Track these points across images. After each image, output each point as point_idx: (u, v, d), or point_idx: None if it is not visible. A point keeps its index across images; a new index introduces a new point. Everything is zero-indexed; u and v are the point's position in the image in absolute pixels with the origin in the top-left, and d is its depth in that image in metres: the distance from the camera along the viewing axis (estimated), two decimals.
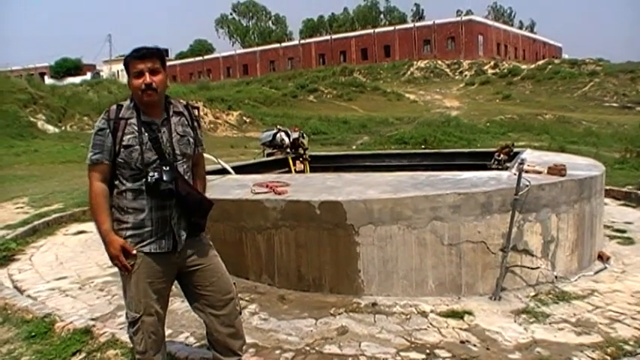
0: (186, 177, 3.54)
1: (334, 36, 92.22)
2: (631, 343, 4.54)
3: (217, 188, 6.74)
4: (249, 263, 6.16)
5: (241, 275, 6.18)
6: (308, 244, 5.78)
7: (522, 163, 5.77)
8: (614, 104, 49.54)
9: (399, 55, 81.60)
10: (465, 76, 68.74)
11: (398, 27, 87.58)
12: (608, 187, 10.00)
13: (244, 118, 38.21)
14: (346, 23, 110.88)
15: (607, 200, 9.83)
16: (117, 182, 3.44)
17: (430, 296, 5.58)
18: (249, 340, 4.55)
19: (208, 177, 3.88)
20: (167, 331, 4.56)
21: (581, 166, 7.41)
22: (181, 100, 3.65)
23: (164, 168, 3.35)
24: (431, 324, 4.99)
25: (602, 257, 6.81)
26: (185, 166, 3.57)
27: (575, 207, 6.17)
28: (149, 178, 3.32)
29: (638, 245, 7.60)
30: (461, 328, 4.89)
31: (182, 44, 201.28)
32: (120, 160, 3.36)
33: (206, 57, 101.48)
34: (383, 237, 5.56)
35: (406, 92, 57.90)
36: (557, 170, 6.28)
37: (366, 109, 46.76)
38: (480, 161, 9.48)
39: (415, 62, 75.53)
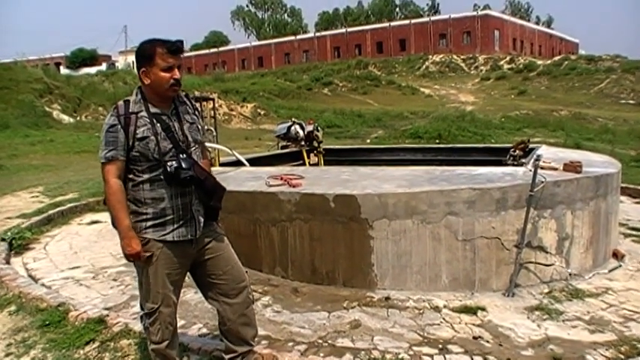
0: (200, 163, 3.58)
1: (349, 29, 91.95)
2: None
3: (232, 180, 6.74)
4: (262, 255, 6.17)
5: (255, 267, 6.19)
6: (322, 237, 5.78)
7: (538, 159, 5.72)
8: (631, 101, 49.13)
9: (415, 49, 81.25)
10: (481, 70, 68.38)
11: (413, 21, 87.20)
12: (623, 185, 9.92)
13: (259, 110, 38.25)
14: (361, 16, 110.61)
15: (622, 198, 9.76)
16: (131, 175, 3.44)
17: (443, 291, 5.58)
18: (261, 332, 4.57)
19: (223, 169, 3.90)
20: (180, 322, 4.60)
21: (597, 163, 7.36)
22: (182, 90, 3.65)
23: (181, 156, 3.40)
24: (444, 319, 4.98)
25: (617, 255, 6.77)
26: (198, 152, 3.63)
27: (591, 204, 6.13)
28: (168, 167, 3.35)
29: None
30: (474, 324, 4.88)
31: (197, 36, 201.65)
32: (135, 153, 3.37)
33: (221, 49, 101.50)
34: (397, 231, 5.55)
35: (421, 86, 57.68)
36: (572, 167, 6.25)
37: (381, 102, 46.64)
38: (494, 157, 9.43)
39: (430, 56, 75.21)
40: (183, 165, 3.37)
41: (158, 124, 3.42)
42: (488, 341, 4.55)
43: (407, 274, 5.62)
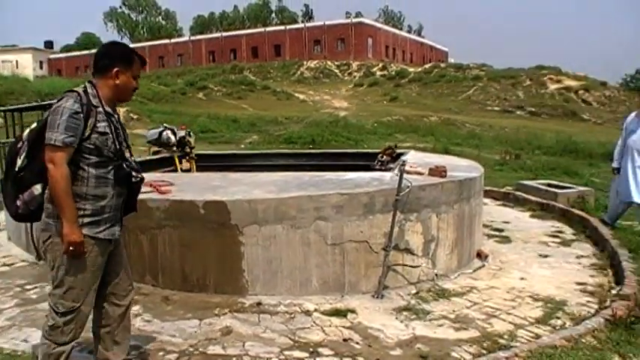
0: None
1: (225, 34, 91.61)
2: (505, 337, 4.80)
3: None
4: (131, 264, 5.93)
5: None
6: (192, 244, 5.73)
7: (404, 164, 5.94)
8: (496, 108, 51.76)
9: (290, 54, 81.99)
10: (354, 77, 69.86)
11: (289, 27, 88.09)
12: (487, 188, 10.45)
13: (131, 114, 37.27)
14: (237, 21, 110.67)
15: (486, 200, 10.28)
16: (75, 168, 3.38)
17: (314, 295, 5.66)
18: (131, 342, 4.48)
19: None
20: (39, 333, 4.45)
21: (462, 167, 7.70)
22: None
23: (133, 159, 3.64)
24: (314, 323, 5.07)
25: (480, 255, 7.12)
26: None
27: (455, 207, 6.42)
28: (126, 167, 3.54)
29: (515, 244, 8.00)
30: (344, 326, 4.99)
31: (68, 37, 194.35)
32: (89, 145, 3.37)
33: (93, 51, 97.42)
34: (267, 237, 5.59)
35: (296, 92, 58.21)
36: (437, 172, 6.51)
37: (256, 107, 46.69)
38: (365, 162, 9.68)
39: (305, 62, 76.08)
40: (136, 167, 3.60)
41: (111, 124, 3.50)
42: (357, 343, 4.66)
43: (278, 279, 5.67)
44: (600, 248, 7.63)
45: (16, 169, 3.45)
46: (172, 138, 10.67)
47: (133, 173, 3.60)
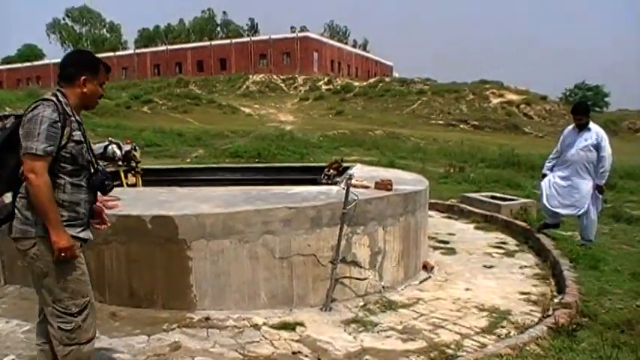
0: None
1: (170, 47, 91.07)
2: (452, 346, 4.90)
3: None
4: None
5: None
6: (140, 259, 5.67)
7: (350, 178, 6.02)
8: (440, 122, 52.55)
9: (235, 68, 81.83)
10: (300, 91, 70.03)
11: (234, 40, 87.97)
12: (432, 201, 10.57)
13: None
14: (182, 34, 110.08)
15: (432, 213, 10.40)
16: (52, 176, 3.40)
17: (263, 309, 5.67)
18: None
19: None
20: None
21: (407, 180, 7.81)
22: None
23: (103, 166, 3.69)
24: (263, 336, 5.08)
25: (426, 267, 7.23)
26: None
27: (401, 220, 6.51)
28: (100, 175, 3.67)
29: (460, 255, 8.14)
30: (293, 340, 5.02)
31: (9, 48, 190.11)
32: (65, 154, 3.42)
33: (35, 63, 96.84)
34: (215, 251, 5.58)
35: (242, 106, 58.00)
36: (383, 185, 6.59)
37: (202, 121, 46.33)
38: (311, 175, 9.72)
39: (251, 76, 75.92)
40: (108, 175, 3.74)
41: (82, 133, 3.57)
42: (307, 356, 4.70)
43: (226, 293, 5.66)
44: (542, 258, 7.83)
45: None
46: (118, 152, 10.52)
47: (108, 180, 3.73)
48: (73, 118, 3.50)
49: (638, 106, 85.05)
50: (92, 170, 3.64)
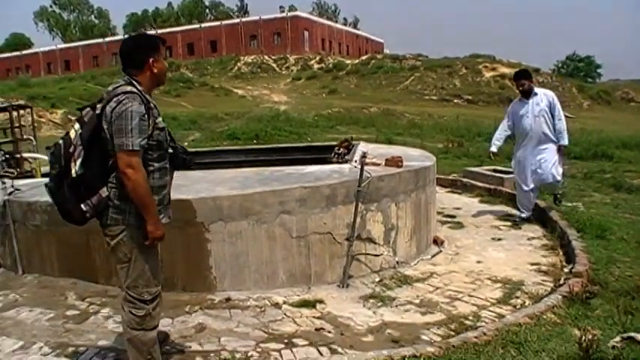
0: None
1: (159, 31, 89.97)
2: (470, 318, 5.01)
3: None
4: (97, 266, 6.01)
5: (90, 279, 6.07)
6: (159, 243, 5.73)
7: (364, 156, 6.07)
8: (434, 97, 52.48)
9: (226, 50, 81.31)
10: (292, 71, 69.75)
11: (224, 22, 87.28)
12: (436, 176, 10.65)
13: (69, 116, 36.50)
14: (171, 18, 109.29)
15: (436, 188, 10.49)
16: (144, 166, 3.52)
17: (281, 288, 5.78)
18: (106, 343, 4.54)
19: (47, 180, 3.84)
20: (18, 343, 4.47)
21: (415, 157, 7.90)
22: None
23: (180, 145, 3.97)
24: (285, 314, 5.17)
25: (437, 241, 7.34)
26: None
27: (412, 196, 6.61)
28: (180, 153, 3.90)
29: (468, 229, 8.25)
30: (314, 317, 5.12)
31: None
32: (152, 142, 3.55)
33: (24, 52, 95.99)
34: (233, 233, 5.66)
35: (234, 87, 57.73)
36: (394, 162, 6.67)
37: (195, 104, 46.12)
38: (316, 155, 9.76)
39: (242, 57, 75.48)
40: (186, 151, 3.97)
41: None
42: (330, 332, 4.80)
43: (245, 274, 5.75)
44: (549, 230, 7.93)
45: (74, 174, 3.46)
46: None
47: (187, 157, 3.97)
48: (152, 105, 3.59)
49: (630, 75, 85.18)
50: (174, 150, 3.84)
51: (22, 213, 6.29)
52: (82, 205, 3.50)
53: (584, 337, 4.03)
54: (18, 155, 8.86)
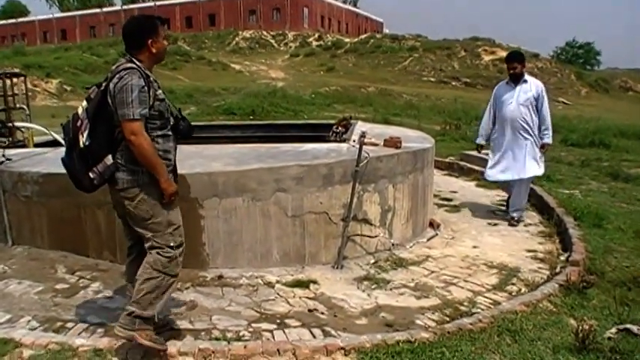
0: None
1: (158, 3, 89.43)
2: (465, 304, 4.95)
3: (51, 162, 6.34)
4: (88, 240, 5.93)
5: (81, 253, 6.00)
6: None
7: (363, 135, 5.97)
8: (432, 79, 52.40)
9: (225, 24, 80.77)
10: (290, 47, 69.45)
11: None
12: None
13: (65, 86, 36.26)
14: None
15: None
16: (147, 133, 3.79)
17: (275, 267, 5.71)
18: (96, 319, 4.48)
19: (40, 150, 3.92)
20: (5, 317, 4.41)
21: (413, 138, 7.81)
22: None
23: (183, 115, 4.25)
24: (278, 294, 5.11)
25: (433, 225, 7.27)
26: None
27: (410, 177, 6.53)
28: (185, 122, 4.25)
29: (464, 212, 8.19)
30: (308, 297, 5.06)
31: None
32: (154, 112, 3.83)
33: (20, 20, 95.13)
34: (228, 209, 5.59)
35: (231, 62, 57.45)
36: (392, 143, 6.59)
37: (192, 78, 45.90)
38: (312, 133, 9.67)
39: (240, 32, 75.02)
40: (188, 120, 4.26)
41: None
42: (323, 313, 4.74)
43: (238, 251, 5.68)
44: (546, 217, 7.86)
45: (81, 145, 3.75)
46: None
47: (191, 127, 4.34)
48: (152, 79, 3.88)
49: (629, 64, 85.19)
50: (175, 119, 4.15)
51: (12, 183, 6.16)
52: (90, 173, 3.79)
53: (580, 328, 3.98)
54: (10, 124, 8.70)
